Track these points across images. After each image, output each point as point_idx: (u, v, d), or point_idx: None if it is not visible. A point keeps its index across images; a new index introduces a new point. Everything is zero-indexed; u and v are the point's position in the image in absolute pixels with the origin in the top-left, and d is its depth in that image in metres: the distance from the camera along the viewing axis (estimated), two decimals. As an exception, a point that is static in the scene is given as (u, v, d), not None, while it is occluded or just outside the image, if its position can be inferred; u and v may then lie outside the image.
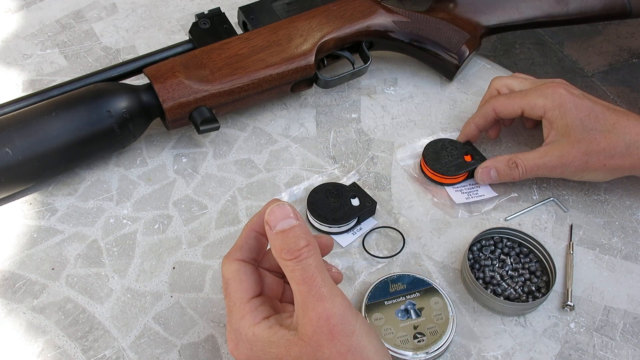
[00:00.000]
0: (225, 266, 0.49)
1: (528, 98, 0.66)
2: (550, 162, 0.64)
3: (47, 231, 0.65)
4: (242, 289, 0.48)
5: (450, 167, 0.68)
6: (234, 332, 0.48)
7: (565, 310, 0.61)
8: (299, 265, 0.44)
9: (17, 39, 0.83)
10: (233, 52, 0.70)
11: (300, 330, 0.44)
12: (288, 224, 0.45)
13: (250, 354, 0.47)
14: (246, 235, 0.50)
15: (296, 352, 0.44)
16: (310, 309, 0.43)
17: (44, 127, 0.63)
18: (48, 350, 0.58)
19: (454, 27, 0.76)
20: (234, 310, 0.48)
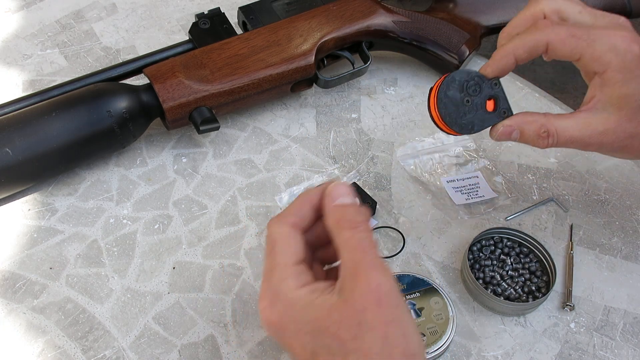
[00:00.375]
0: (275, 227, 0.48)
1: (595, 45, 0.52)
2: (589, 138, 0.53)
3: (47, 231, 0.65)
4: (290, 252, 0.47)
5: (470, 118, 0.54)
6: (271, 292, 0.46)
7: (565, 310, 0.61)
8: (357, 235, 0.44)
9: (17, 39, 0.83)
10: (233, 52, 0.70)
11: (347, 295, 0.43)
12: (350, 199, 0.46)
13: (286, 315, 0.45)
14: (300, 204, 0.49)
15: (337, 316, 0.43)
16: (362, 274, 0.43)
17: (44, 127, 0.63)
18: (48, 350, 0.58)
19: (454, 27, 0.76)
20: (276, 271, 0.46)
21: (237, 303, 0.61)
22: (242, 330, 0.59)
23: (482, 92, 0.53)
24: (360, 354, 0.42)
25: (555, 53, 0.53)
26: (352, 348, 0.42)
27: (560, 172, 0.71)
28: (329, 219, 0.46)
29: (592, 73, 0.53)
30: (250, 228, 0.66)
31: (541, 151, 0.72)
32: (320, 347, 0.44)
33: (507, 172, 0.71)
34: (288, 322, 0.45)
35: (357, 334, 0.42)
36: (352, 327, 0.42)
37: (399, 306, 0.43)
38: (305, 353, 0.45)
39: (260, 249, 0.64)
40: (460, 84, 0.53)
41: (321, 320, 0.44)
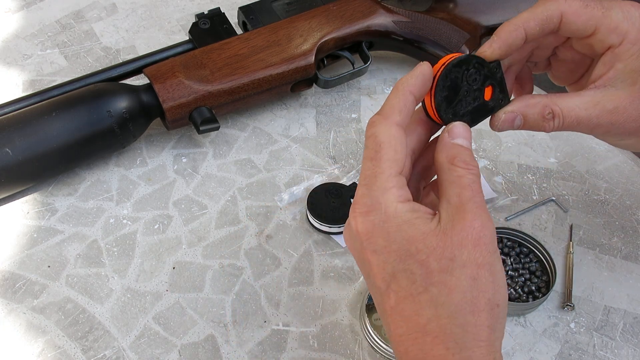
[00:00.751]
0: (382, 127, 0.44)
1: (611, 14, 0.48)
2: (598, 117, 0.48)
3: (47, 231, 0.65)
4: (396, 159, 0.44)
5: (467, 111, 0.48)
6: (370, 200, 0.43)
7: (565, 310, 0.61)
8: (469, 175, 0.43)
9: (17, 39, 0.83)
10: (233, 52, 0.70)
11: (447, 226, 0.41)
12: (467, 144, 0.45)
13: (380, 228, 0.43)
14: (404, 97, 0.45)
15: (433, 242, 0.41)
16: (468, 212, 0.41)
17: (44, 127, 0.63)
18: (48, 350, 0.58)
19: (454, 27, 0.76)
20: (379, 179, 0.43)
21: (237, 303, 0.61)
22: (242, 330, 0.59)
23: (480, 79, 0.48)
24: (443, 289, 0.41)
25: (570, 26, 0.48)
26: (437, 280, 0.41)
27: (560, 172, 0.71)
28: (442, 153, 0.44)
29: (606, 48, 0.49)
30: (250, 228, 0.66)
31: (541, 151, 0.72)
32: (402, 271, 0.42)
33: (507, 172, 0.71)
34: (378, 236, 0.43)
35: (447, 267, 0.41)
36: (443, 258, 0.41)
37: (495, 253, 0.42)
38: (383, 273, 0.43)
39: (260, 249, 0.64)
40: (461, 74, 0.47)
41: (414, 243, 0.42)
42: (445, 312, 0.41)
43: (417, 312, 0.41)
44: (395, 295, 0.42)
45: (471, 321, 0.40)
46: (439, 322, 0.41)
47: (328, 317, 0.60)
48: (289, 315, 0.60)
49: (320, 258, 0.64)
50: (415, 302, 0.41)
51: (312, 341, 0.59)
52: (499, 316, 0.42)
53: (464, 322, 0.40)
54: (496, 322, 0.41)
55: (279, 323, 0.60)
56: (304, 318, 0.60)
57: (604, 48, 0.49)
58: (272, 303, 0.61)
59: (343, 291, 0.62)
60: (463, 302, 0.40)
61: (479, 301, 0.41)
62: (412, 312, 0.41)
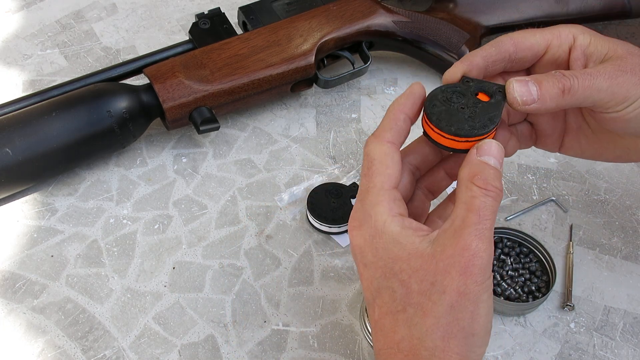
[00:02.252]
0: (373, 145, 0.46)
1: (549, 29, 0.50)
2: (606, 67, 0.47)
3: (47, 231, 0.65)
4: (387, 174, 0.45)
5: (479, 117, 0.46)
6: (363, 213, 0.44)
7: (565, 310, 0.61)
8: (484, 198, 0.42)
9: (17, 39, 0.83)
10: (233, 52, 0.70)
11: (437, 249, 0.41)
12: (495, 163, 0.43)
13: (370, 242, 0.44)
14: (394, 117, 0.46)
15: (417, 263, 0.41)
16: (464, 237, 0.41)
17: (44, 127, 0.63)
18: (48, 350, 0.58)
19: (454, 27, 0.76)
20: (371, 193, 0.44)
21: (237, 303, 0.61)
22: (242, 330, 0.59)
23: (465, 93, 0.47)
24: (419, 311, 0.41)
25: (523, 43, 0.49)
26: (415, 302, 0.41)
27: (560, 172, 0.71)
28: (465, 169, 0.43)
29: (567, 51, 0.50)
30: (250, 228, 0.66)
31: (541, 151, 0.72)
32: (385, 288, 0.42)
33: (507, 172, 0.71)
34: (368, 251, 0.43)
35: (426, 290, 0.41)
36: (424, 282, 0.41)
37: (482, 284, 0.41)
38: (370, 287, 0.44)
39: (260, 249, 0.65)
40: (443, 98, 0.47)
41: (398, 262, 0.42)
42: (416, 333, 0.41)
43: (393, 329, 0.42)
44: (378, 309, 0.43)
45: (440, 346, 0.41)
46: (410, 342, 0.42)
47: (328, 317, 0.60)
48: (289, 315, 0.60)
49: (320, 258, 0.64)
50: (394, 319, 0.42)
51: (312, 341, 0.59)
52: (474, 345, 0.41)
53: (432, 346, 0.41)
54: (468, 351, 0.41)
55: (279, 323, 0.60)
56: (304, 318, 0.60)
57: (565, 52, 0.50)
58: (272, 303, 0.61)
59: (343, 291, 0.62)
60: (435, 327, 0.41)
61: (452, 328, 0.41)
62: (389, 328, 0.43)
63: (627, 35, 0.85)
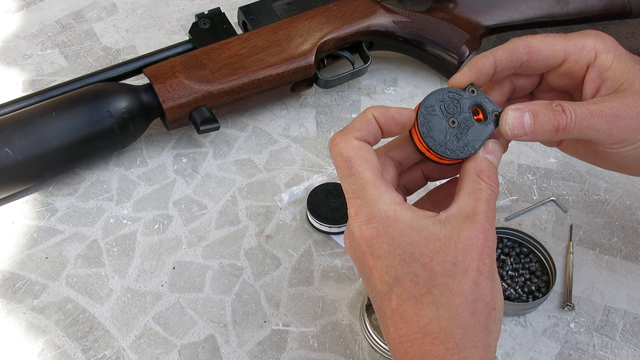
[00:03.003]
0: (343, 143, 0.45)
1: (572, 37, 0.49)
2: (611, 107, 0.47)
3: (47, 231, 0.65)
4: (371, 167, 0.45)
5: (465, 139, 0.47)
6: (369, 207, 0.44)
7: (565, 310, 0.61)
8: (489, 191, 0.45)
9: (17, 39, 0.83)
10: (233, 52, 0.70)
11: (453, 231, 0.43)
12: (495, 161, 0.48)
13: (384, 233, 0.44)
14: (367, 120, 0.46)
15: (437, 246, 0.43)
16: (479, 222, 0.44)
17: (44, 127, 0.63)
18: (48, 350, 0.58)
19: (454, 27, 0.76)
20: (368, 188, 0.44)
21: (237, 303, 0.61)
22: (242, 330, 0.59)
23: (463, 105, 0.47)
24: (446, 291, 0.42)
25: (539, 54, 0.49)
26: (440, 283, 0.42)
27: (560, 172, 0.71)
28: (471, 164, 0.47)
29: (584, 68, 0.49)
30: (250, 228, 0.66)
31: (541, 151, 0.72)
32: (405, 274, 0.43)
33: (507, 172, 0.71)
34: (383, 241, 0.44)
35: (449, 270, 0.43)
36: (446, 262, 0.43)
37: (494, 263, 0.45)
38: (386, 277, 0.44)
39: (260, 249, 0.65)
40: (438, 108, 0.47)
41: (417, 247, 0.43)
42: (446, 314, 0.42)
43: (418, 313, 0.43)
44: (397, 297, 0.43)
45: (470, 323, 0.42)
46: (439, 323, 0.42)
47: (328, 317, 0.60)
48: (289, 315, 0.60)
49: (320, 258, 0.64)
50: (418, 304, 0.43)
51: (312, 341, 0.59)
52: (496, 318, 0.44)
53: (464, 324, 0.42)
54: (493, 324, 0.43)
55: (279, 323, 0.60)
56: (304, 318, 0.60)
57: (582, 69, 0.49)
58: (272, 303, 0.61)
59: (343, 291, 0.62)
60: (464, 304, 0.42)
61: (478, 304, 0.43)
62: (413, 314, 0.43)
63: (627, 36, 0.85)
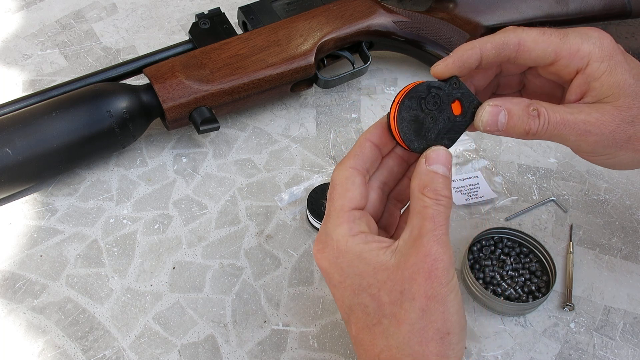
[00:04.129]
0: (337, 171, 0.48)
1: (568, 39, 0.48)
2: (585, 122, 0.46)
3: (47, 231, 0.65)
4: (347, 198, 0.46)
5: (440, 133, 0.47)
6: (325, 236, 0.46)
7: (565, 310, 0.61)
8: (435, 207, 0.43)
9: (17, 39, 0.83)
10: (233, 52, 0.70)
11: (401, 259, 0.43)
12: (444, 171, 0.45)
13: (334, 263, 0.45)
14: (360, 144, 0.48)
15: (384, 276, 0.43)
16: (424, 244, 0.42)
17: (44, 127, 0.63)
18: (48, 350, 0.58)
19: (453, 27, 0.76)
20: (332, 216, 0.46)
21: (237, 303, 0.61)
22: (242, 330, 0.59)
23: (443, 100, 0.47)
24: (394, 321, 0.42)
25: (529, 54, 0.48)
26: (389, 312, 0.43)
27: (560, 172, 0.71)
28: (415, 180, 0.45)
29: (573, 73, 0.48)
30: (250, 228, 0.66)
31: (541, 151, 0.72)
32: (357, 304, 0.44)
33: (507, 172, 0.71)
34: (334, 271, 0.45)
35: (397, 299, 0.42)
36: (393, 292, 0.42)
37: (448, 285, 0.43)
38: (343, 306, 0.45)
39: (260, 249, 0.65)
40: (417, 104, 0.47)
41: (365, 277, 0.43)
42: (394, 343, 0.43)
43: (372, 342, 0.44)
44: (354, 325, 0.45)
45: (419, 351, 0.42)
46: (389, 352, 0.43)
47: (328, 317, 0.60)
48: (289, 315, 0.60)
49: (320, 258, 0.64)
50: (371, 333, 0.44)
51: (312, 341, 0.59)
52: (451, 342, 0.43)
53: (412, 352, 0.42)
54: (447, 349, 0.43)
55: (279, 323, 0.60)
56: (304, 318, 0.60)
57: (570, 74, 0.48)
58: (272, 303, 0.61)
59: (343, 291, 0.62)
60: (411, 333, 0.42)
61: (427, 332, 0.42)
62: (368, 343, 0.44)
63: (627, 36, 0.85)
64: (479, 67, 0.49)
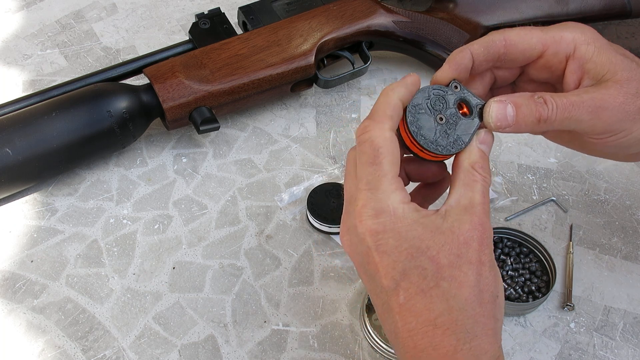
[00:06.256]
0: (377, 131, 0.45)
1: (550, 30, 0.49)
2: (593, 98, 0.47)
3: (47, 231, 0.65)
4: (395, 162, 0.45)
5: (454, 134, 0.48)
6: (377, 203, 0.45)
7: (565, 310, 0.61)
8: (484, 182, 0.46)
9: (17, 39, 0.83)
10: (233, 52, 0.70)
11: (454, 224, 0.44)
12: (487, 151, 0.48)
13: (391, 229, 0.44)
14: (393, 104, 0.46)
15: (441, 240, 0.44)
16: (476, 213, 0.44)
17: (44, 127, 0.63)
18: (48, 350, 0.58)
19: (453, 27, 0.76)
20: (383, 181, 0.45)
21: (237, 303, 0.61)
22: (242, 330, 0.59)
23: (448, 102, 0.48)
24: (454, 283, 0.43)
25: (516, 47, 0.49)
26: (448, 275, 0.43)
27: (560, 172, 0.71)
28: (465, 155, 0.47)
29: (564, 60, 0.49)
30: (250, 228, 0.66)
31: (541, 151, 0.72)
32: (413, 268, 0.44)
33: (507, 172, 0.71)
34: (390, 236, 0.44)
35: (455, 262, 0.43)
36: (452, 255, 0.44)
37: (492, 253, 0.45)
38: (393, 272, 0.44)
39: (260, 249, 0.64)
40: (425, 106, 0.48)
41: (424, 240, 0.44)
42: (456, 305, 0.43)
43: (427, 306, 0.43)
44: (404, 292, 0.44)
45: (479, 312, 0.43)
46: (450, 315, 0.43)
47: (328, 317, 0.60)
48: (289, 315, 0.60)
49: (320, 258, 0.64)
50: (427, 297, 0.44)
51: (312, 341, 0.59)
52: (500, 306, 0.45)
53: (473, 314, 0.43)
54: (498, 312, 0.45)
55: (279, 323, 0.60)
56: (304, 318, 0.60)
57: (561, 62, 0.49)
58: (272, 303, 0.61)
59: (343, 291, 0.62)
60: (472, 295, 0.43)
61: (484, 294, 0.44)
62: (422, 307, 0.44)
63: (627, 36, 0.85)
64: (474, 70, 0.50)
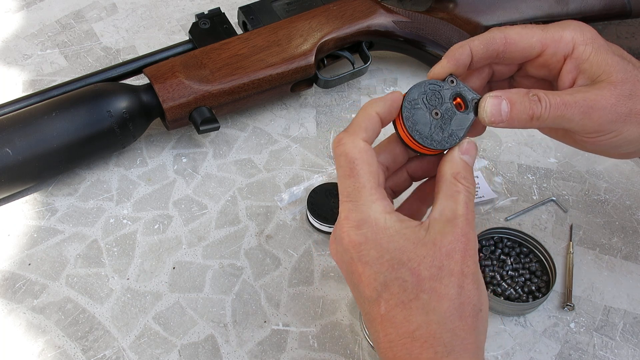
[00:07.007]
0: (350, 144, 0.46)
1: (550, 29, 0.50)
2: (585, 98, 0.48)
3: (47, 231, 0.65)
4: (373, 172, 0.46)
5: (449, 129, 0.48)
6: (359, 214, 0.45)
7: (565, 310, 0.61)
8: (466, 192, 0.46)
9: (17, 39, 0.83)
10: (233, 52, 0.70)
11: (436, 236, 0.44)
12: (470, 161, 0.48)
13: (373, 240, 0.45)
14: (369, 117, 0.47)
15: (422, 252, 0.44)
16: (460, 225, 0.44)
17: (44, 127, 0.63)
18: (48, 350, 0.58)
19: (453, 27, 0.76)
20: (363, 193, 0.45)
21: (237, 303, 0.61)
22: (242, 330, 0.59)
23: (444, 96, 0.49)
24: (434, 295, 0.43)
25: (515, 46, 0.50)
26: (428, 287, 0.43)
27: (560, 172, 0.71)
28: (448, 164, 0.47)
29: (561, 60, 0.50)
30: (250, 228, 0.66)
31: (541, 151, 0.72)
32: (394, 279, 0.44)
33: (507, 172, 0.71)
34: (371, 247, 0.45)
35: (436, 275, 0.43)
36: (433, 267, 0.43)
37: (477, 264, 0.45)
38: (374, 283, 0.44)
39: (260, 249, 0.65)
40: (421, 101, 0.48)
41: (405, 252, 0.44)
42: (435, 318, 0.43)
43: (407, 318, 0.43)
44: (385, 303, 0.44)
45: (459, 326, 0.43)
46: (428, 328, 0.43)
47: (328, 317, 0.60)
48: (289, 315, 0.60)
49: (320, 258, 0.64)
50: (406, 309, 0.43)
51: (312, 341, 0.59)
52: (483, 319, 0.44)
53: (452, 327, 0.43)
54: (480, 325, 0.44)
55: (279, 323, 0.60)
56: (304, 318, 0.60)
57: (559, 61, 0.50)
58: (272, 303, 0.61)
59: (343, 291, 0.62)
60: (452, 308, 0.43)
61: (465, 307, 0.43)
62: (402, 319, 0.43)
63: (627, 36, 0.85)
64: (472, 65, 0.50)
